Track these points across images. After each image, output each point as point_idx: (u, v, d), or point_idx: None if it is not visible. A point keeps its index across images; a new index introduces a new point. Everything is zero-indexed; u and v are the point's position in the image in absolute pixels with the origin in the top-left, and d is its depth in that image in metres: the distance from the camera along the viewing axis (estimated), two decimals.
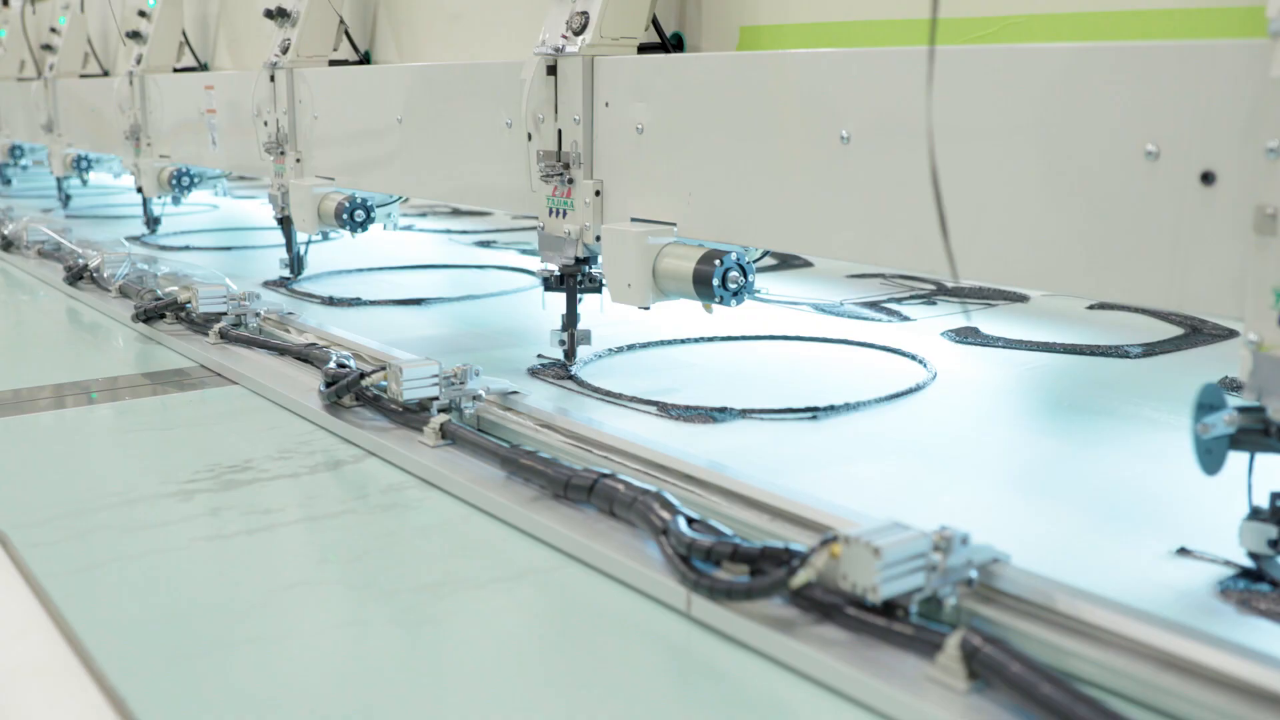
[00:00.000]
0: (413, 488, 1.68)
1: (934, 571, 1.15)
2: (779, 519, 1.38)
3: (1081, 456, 1.77)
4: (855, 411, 1.97)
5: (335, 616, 1.31)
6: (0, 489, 1.74)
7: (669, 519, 1.33)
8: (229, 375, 2.30)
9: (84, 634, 1.25)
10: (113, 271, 3.11)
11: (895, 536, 1.14)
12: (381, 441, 1.80)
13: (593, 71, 2.08)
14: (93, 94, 4.94)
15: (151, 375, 2.38)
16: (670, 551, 1.29)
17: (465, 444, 1.72)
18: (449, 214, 4.95)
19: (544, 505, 1.51)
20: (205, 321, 2.57)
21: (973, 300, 2.87)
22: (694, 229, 1.96)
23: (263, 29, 3.43)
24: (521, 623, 1.30)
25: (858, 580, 1.13)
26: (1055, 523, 1.52)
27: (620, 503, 1.41)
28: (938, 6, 1.35)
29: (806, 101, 1.74)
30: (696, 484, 1.50)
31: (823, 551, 1.16)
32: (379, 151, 2.85)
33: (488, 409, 1.84)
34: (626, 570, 1.34)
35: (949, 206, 1.50)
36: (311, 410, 2.00)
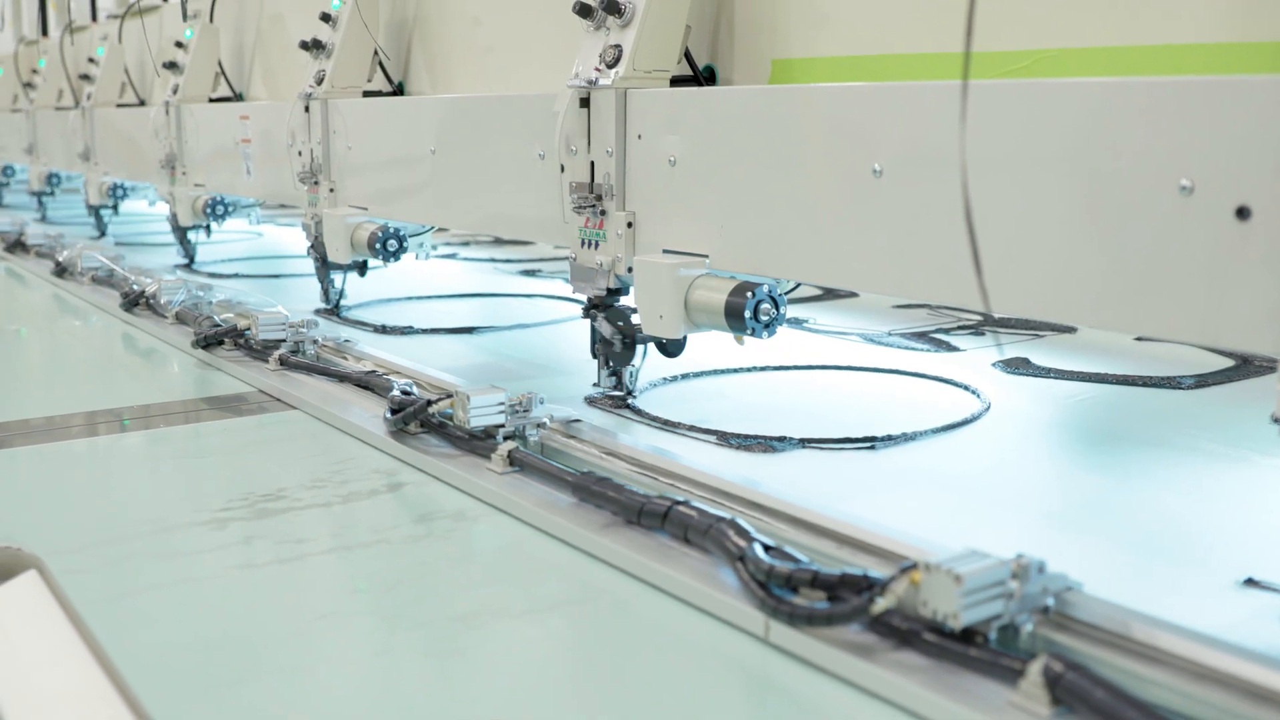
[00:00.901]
0: (482, 513, 1.70)
1: (1011, 599, 1.17)
2: (847, 546, 1.41)
3: (1138, 488, 1.79)
4: (912, 442, 1.99)
5: (419, 634, 1.33)
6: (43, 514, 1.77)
7: (745, 546, 1.35)
8: (290, 401, 2.33)
9: (120, 661, 1.26)
10: (169, 298, 3.16)
11: (975, 564, 1.16)
12: (448, 468, 1.83)
13: (625, 104, 2.11)
14: (129, 123, 5.01)
15: (212, 400, 2.42)
16: (748, 577, 1.31)
17: (533, 470, 1.75)
18: (492, 243, 4.99)
19: (615, 531, 1.54)
20: (264, 348, 2.61)
21: (1020, 331, 2.89)
22: (726, 261, 1.98)
23: (297, 60, 3.48)
24: (599, 646, 1.33)
25: (939, 607, 1.15)
26: (1113, 554, 1.54)
27: (695, 529, 1.43)
28: (971, 41, 1.38)
29: (839, 135, 1.76)
30: (763, 511, 1.52)
31: (903, 579, 1.18)
32: (412, 181, 2.89)
33: (551, 436, 1.87)
34: (702, 596, 1.37)
35: (982, 240, 1.51)
36: (375, 436, 2.03)
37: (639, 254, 2.10)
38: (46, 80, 6.29)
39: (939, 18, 1.81)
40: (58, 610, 1.42)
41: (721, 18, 2.17)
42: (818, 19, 2.00)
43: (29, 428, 2.25)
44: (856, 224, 1.74)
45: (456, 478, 1.81)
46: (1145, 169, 1.37)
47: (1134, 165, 1.39)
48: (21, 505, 1.82)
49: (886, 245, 1.70)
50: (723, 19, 2.17)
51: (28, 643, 1.37)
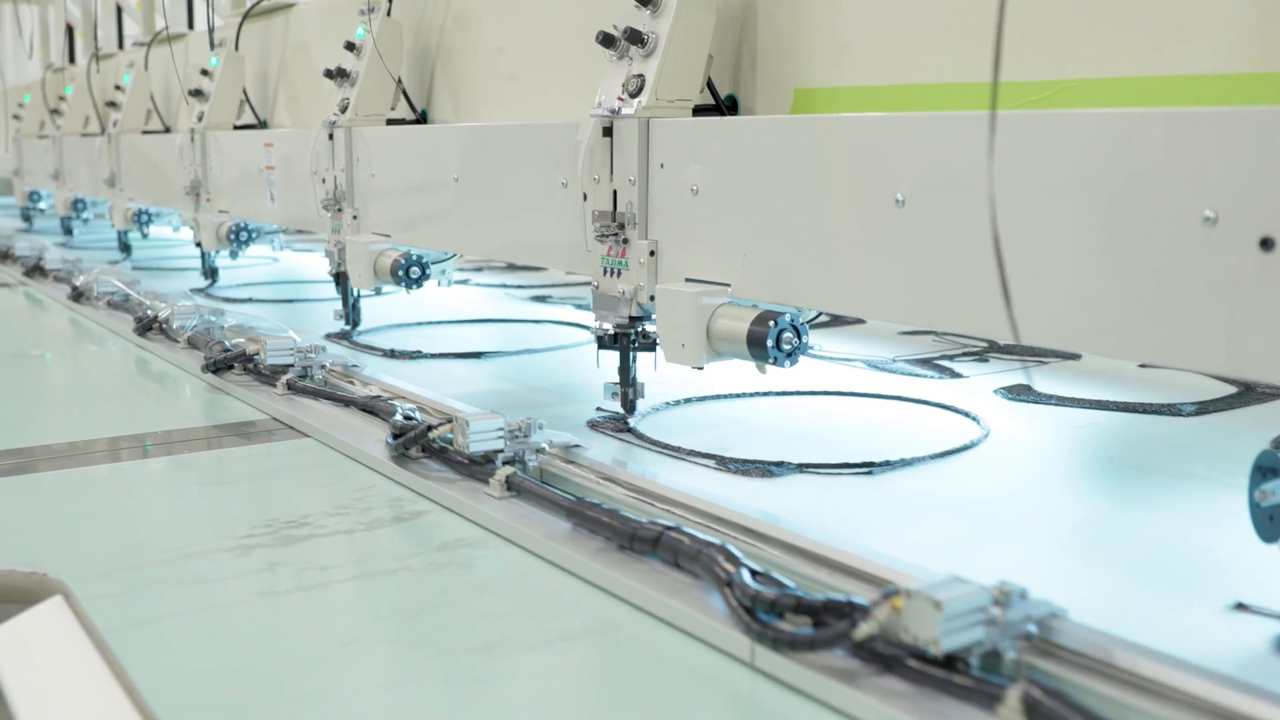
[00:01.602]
0: (478, 539, 1.72)
1: (994, 625, 1.18)
2: (838, 572, 1.41)
3: (1135, 515, 1.79)
4: (910, 468, 2.00)
5: (404, 672, 1.34)
6: (67, 539, 1.78)
7: (733, 571, 1.36)
8: (298, 427, 2.35)
9: (145, 688, 1.27)
10: (181, 323, 3.19)
11: (956, 590, 1.17)
12: (447, 493, 1.85)
13: (648, 133, 2.12)
14: (154, 150, 5.06)
15: (221, 427, 2.44)
16: (735, 603, 1.32)
17: (530, 496, 1.77)
18: (504, 269, 5.02)
19: (608, 557, 1.55)
20: (273, 373, 2.64)
21: (1025, 357, 2.90)
22: (748, 290, 1.99)
23: (321, 88, 3.52)
24: (589, 669, 1.34)
25: (919, 633, 1.16)
26: (1108, 580, 1.54)
27: (685, 555, 1.45)
28: (999, 71, 1.39)
29: (861, 165, 1.77)
30: (756, 537, 1.53)
31: (885, 605, 1.19)
32: (435, 209, 2.91)
33: (551, 461, 1.89)
34: (691, 621, 1.38)
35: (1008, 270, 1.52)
36: (378, 461, 2.05)
37: (661, 282, 2.11)
38: (73, 107, 6.37)
39: (961, 48, 1.83)
40: (83, 636, 1.44)
41: (744, 47, 2.19)
42: (840, 49, 2.02)
43: (51, 452, 2.27)
44: (879, 254, 1.75)
45: (455, 502, 1.82)
46: (1168, 200, 1.38)
47: (1157, 196, 1.39)
48: (46, 530, 1.84)
49: (909, 275, 1.70)
50: (745, 49, 2.19)
51: (54, 668, 1.39)
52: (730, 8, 2.19)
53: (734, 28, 2.20)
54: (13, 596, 1.60)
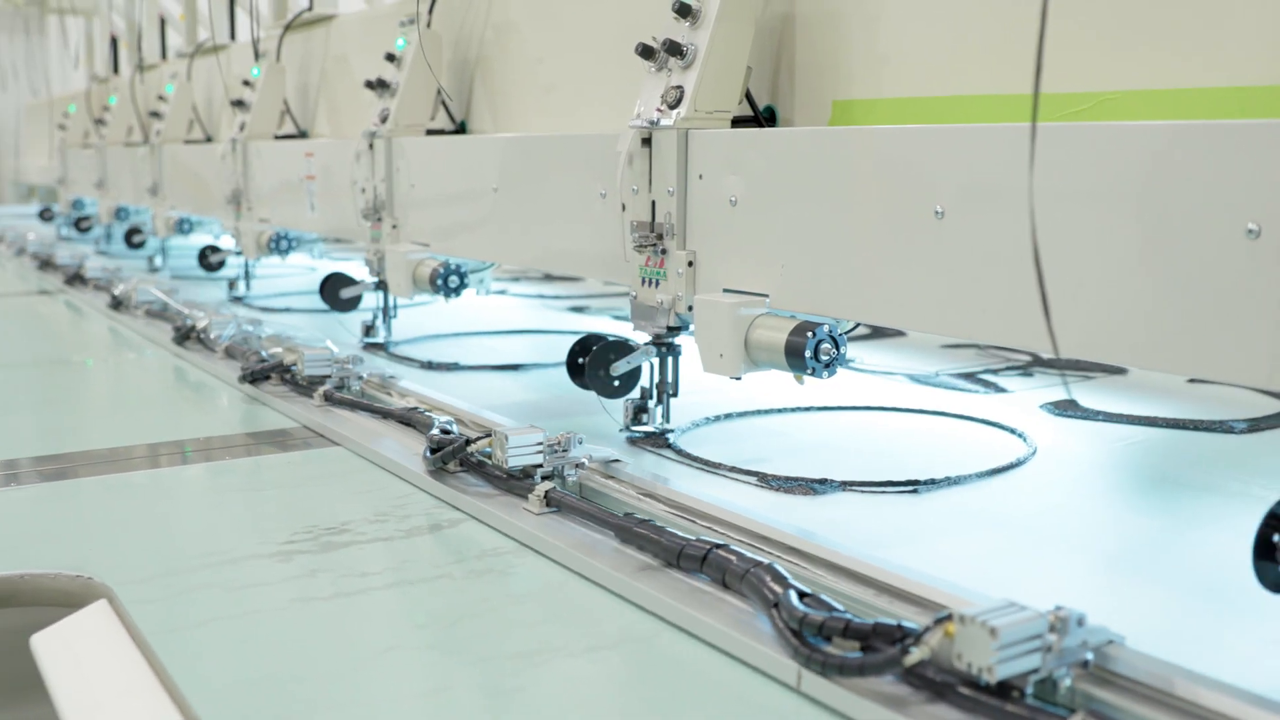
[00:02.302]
0: (517, 554, 1.70)
1: (1049, 652, 1.14)
2: (885, 594, 1.38)
3: (1187, 534, 1.75)
4: (957, 486, 1.96)
5: (437, 681, 1.32)
6: (110, 544, 1.79)
7: (781, 592, 1.33)
8: (333, 437, 2.34)
9: (189, 692, 1.27)
10: (219, 333, 3.19)
11: (1011, 617, 1.13)
12: (485, 507, 1.83)
13: (687, 144, 2.11)
14: (196, 159, 5.09)
15: (257, 435, 2.44)
16: (782, 625, 1.29)
17: (570, 511, 1.74)
18: (541, 279, 5.01)
19: (649, 574, 1.53)
20: (310, 384, 2.62)
21: (1070, 372, 2.85)
22: (786, 301, 1.97)
23: (361, 98, 3.52)
24: (626, 684, 1.32)
25: (973, 660, 1.13)
26: (1163, 602, 1.51)
27: (732, 574, 1.42)
28: (1040, 83, 1.36)
29: (900, 177, 1.75)
30: (802, 556, 1.50)
31: (937, 630, 1.16)
32: (474, 218, 2.90)
33: (590, 477, 1.86)
34: (734, 643, 1.35)
35: (1048, 283, 1.49)
36: (414, 474, 2.03)
37: (699, 293, 2.09)
38: (117, 117, 6.41)
39: (1001, 60, 1.80)
40: (127, 640, 1.44)
41: (782, 59, 2.17)
42: (879, 61, 2.00)
43: (92, 458, 2.27)
44: (918, 265, 1.72)
45: (494, 518, 1.80)
46: (1212, 212, 1.35)
47: (1200, 209, 1.36)
48: (90, 535, 1.84)
49: (948, 287, 1.68)
50: (783, 60, 2.17)
51: (99, 672, 1.39)
52: (769, 19, 2.17)
53: (772, 39, 2.18)
54: (59, 600, 1.62)
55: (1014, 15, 1.78)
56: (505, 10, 3.06)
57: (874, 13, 2.00)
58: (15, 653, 1.57)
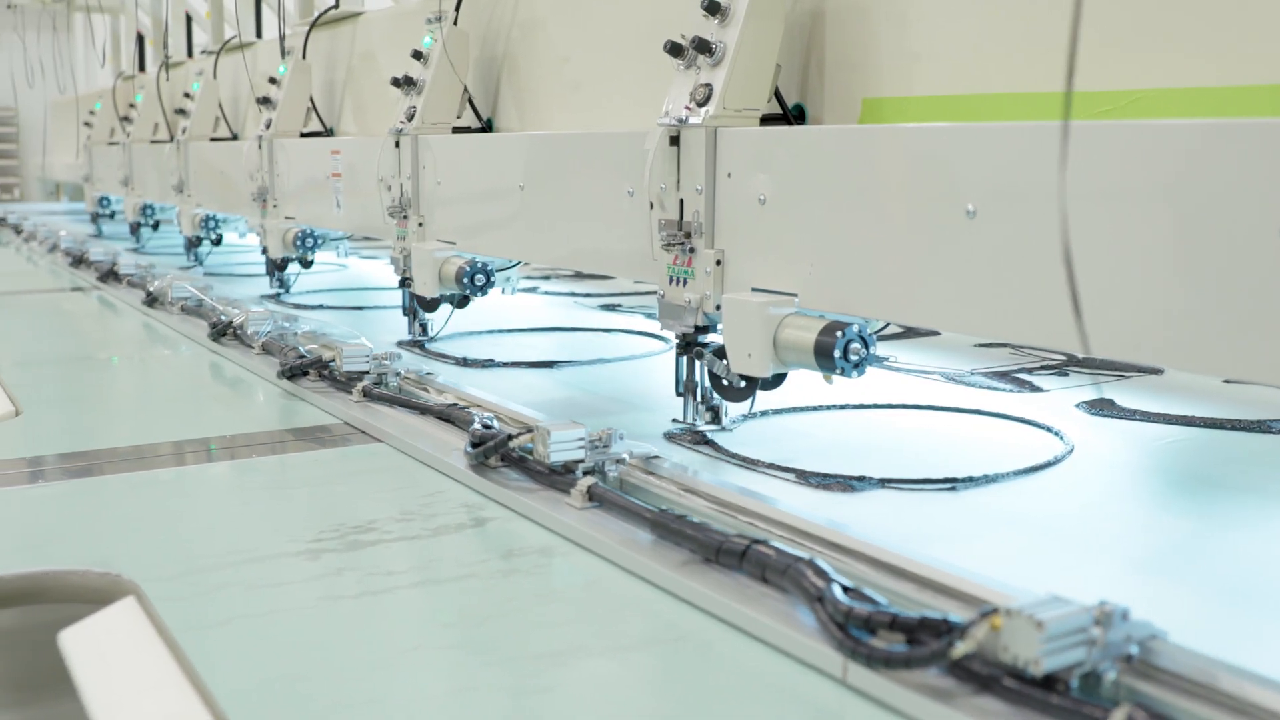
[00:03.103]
0: (560, 548, 1.72)
1: (1094, 646, 1.15)
2: (927, 589, 1.39)
3: (1228, 535, 1.76)
4: (994, 484, 1.97)
5: (468, 678, 1.34)
6: (138, 541, 1.81)
7: (824, 586, 1.35)
8: (373, 433, 2.36)
9: (216, 689, 1.28)
10: (256, 329, 3.21)
11: (1057, 610, 1.15)
12: (527, 502, 1.84)
13: (715, 142, 2.12)
14: (222, 157, 5.12)
15: (297, 431, 2.46)
16: (827, 619, 1.31)
17: (612, 507, 1.76)
18: (572, 277, 5.02)
19: (693, 569, 1.54)
20: (348, 380, 2.65)
21: (1105, 372, 2.85)
22: (815, 300, 1.97)
23: (387, 96, 3.54)
24: (678, 685, 1.33)
25: (1020, 653, 1.14)
26: (1202, 601, 1.51)
27: (773, 569, 1.43)
28: (1073, 81, 1.37)
29: (931, 175, 1.75)
30: (842, 551, 1.51)
31: (983, 623, 1.17)
32: (500, 216, 2.92)
33: (630, 472, 1.88)
34: (781, 636, 1.36)
35: (1080, 283, 1.50)
36: (454, 468, 2.05)
37: (728, 292, 2.10)
38: (143, 114, 6.45)
39: (1033, 58, 1.81)
40: (155, 637, 1.45)
41: (811, 57, 2.18)
42: (909, 58, 2.00)
43: (120, 455, 2.30)
44: (948, 265, 1.73)
45: (536, 512, 1.82)
46: (1245, 211, 1.35)
47: (1233, 207, 1.36)
48: (117, 532, 1.86)
49: (979, 286, 1.69)
50: (813, 58, 2.18)
51: (127, 668, 1.40)
52: (798, 17, 2.18)
53: (802, 37, 2.19)
54: (87, 596, 1.62)
55: (1045, 13, 1.78)
56: (532, 8, 3.07)
57: (904, 10, 2.01)
58: (43, 648, 1.58)
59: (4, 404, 2.72)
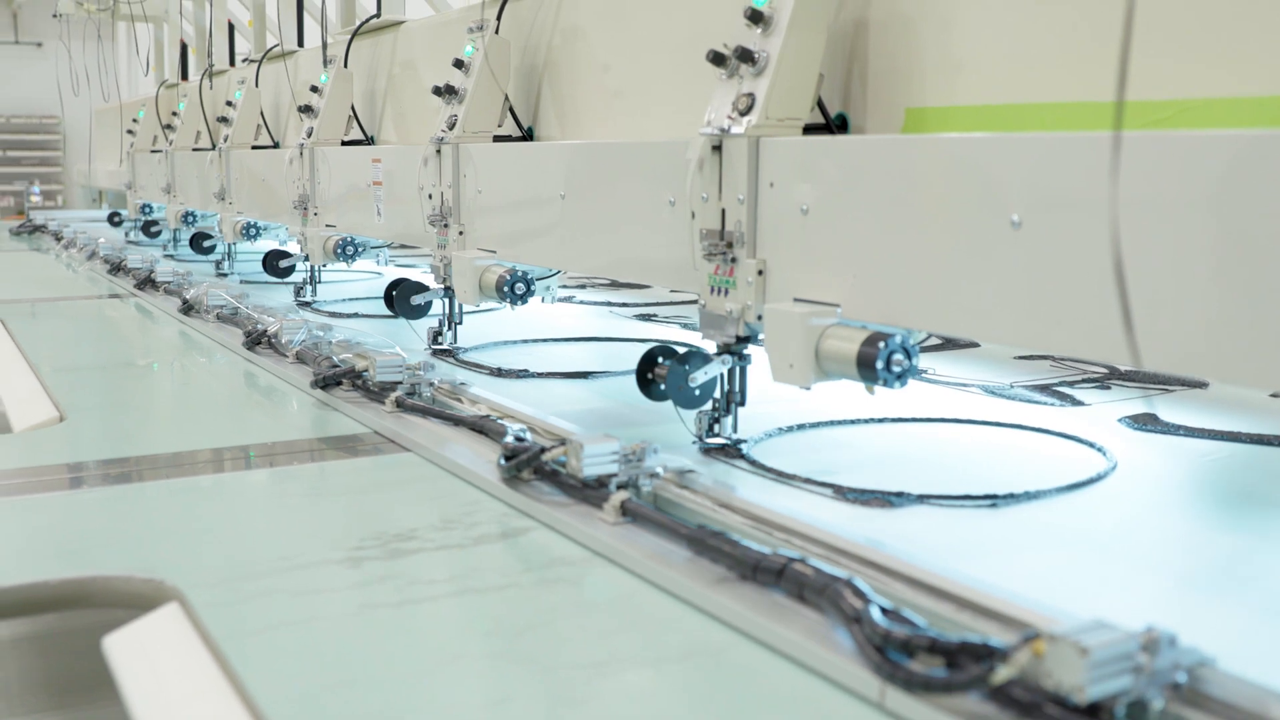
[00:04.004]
0: (592, 563, 1.69)
1: (1140, 673, 1.12)
2: (966, 610, 1.36)
3: (1274, 553, 1.72)
4: (1035, 500, 1.93)
5: (508, 688, 1.32)
6: (180, 547, 1.81)
7: (862, 607, 1.32)
8: (405, 443, 2.35)
9: (260, 697, 1.28)
10: (290, 337, 3.21)
11: (1103, 636, 1.12)
12: (560, 516, 1.82)
13: (758, 152, 2.09)
14: (263, 164, 5.13)
15: (330, 440, 2.45)
16: (864, 640, 1.28)
17: (645, 521, 1.74)
18: (608, 286, 5.01)
19: (728, 586, 1.52)
20: (381, 390, 2.63)
21: (1149, 385, 2.81)
22: (858, 310, 1.95)
23: (428, 104, 3.54)
24: (712, 704, 1.30)
25: (1063, 679, 1.11)
26: (1249, 621, 1.48)
27: (811, 588, 1.41)
28: (1124, 91, 1.34)
29: (976, 186, 1.72)
30: (880, 570, 1.49)
31: (1025, 648, 1.14)
32: (540, 225, 2.90)
33: (665, 487, 1.86)
34: (817, 657, 1.34)
35: (1131, 295, 1.47)
36: (487, 481, 2.03)
37: (769, 302, 2.08)
38: (185, 122, 6.49)
39: (1078, 67, 1.77)
40: (199, 643, 1.45)
41: (854, 66, 2.16)
42: (953, 67, 1.97)
43: (159, 461, 2.30)
44: (993, 276, 1.70)
45: (569, 527, 1.80)
46: None
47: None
48: (160, 538, 1.86)
49: (1025, 298, 1.65)
50: (855, 67, 2.15)
51: (172, 674, 1.41)
52: (841, 26, 2.16)
53: (845, 46, 2.17)
54: (130, 602, 1.63)
55: (1090, 20, 1.75)
56: (573, 16, 3.06)
57: (947, 18, 1.98)
58: (86, 653, 1.59)
59: (49, 409, 2.74)
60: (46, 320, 4.38)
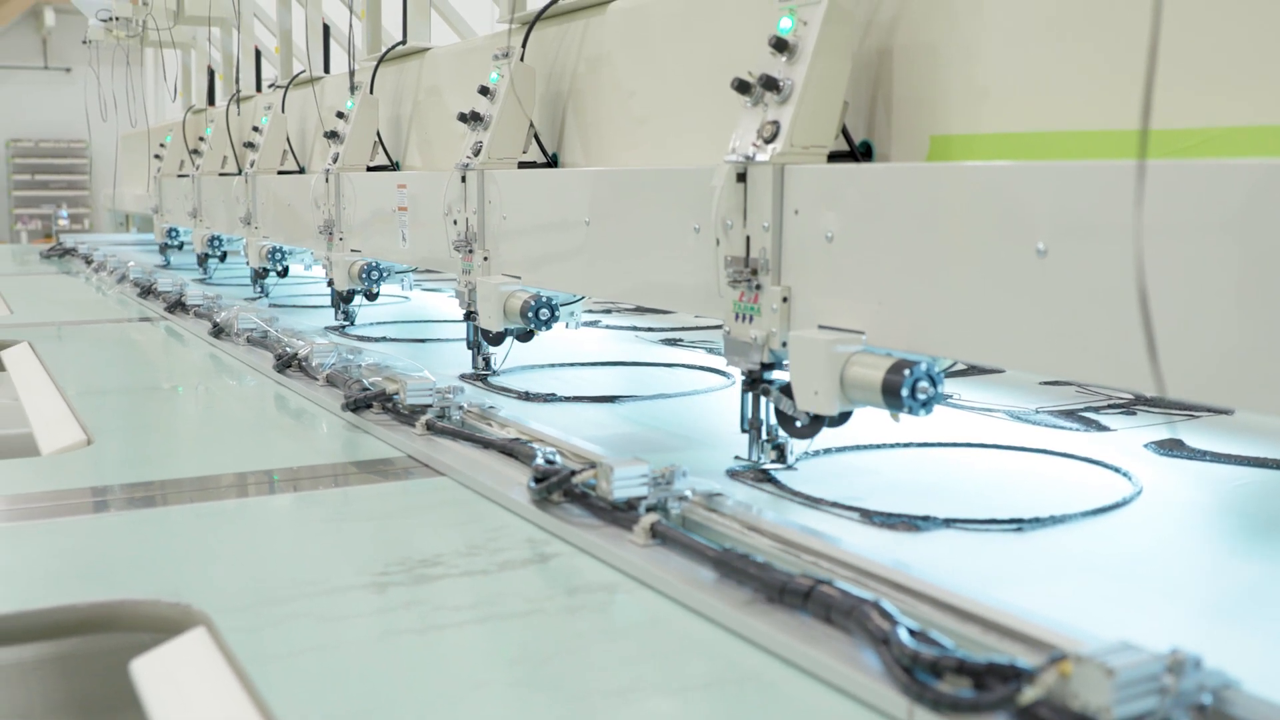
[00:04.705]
0: (623, 585, 1.71)
1: (1167, 694, 1.14)
2: (993, 632, 1.38)
3: None
4: (1061, 525, 1.95)
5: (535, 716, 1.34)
6: (206, 571, 1.82)
7: (889, 629, 1.33)
8: (436, 466, 2.37)
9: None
10: (320, 361, 3.24)
11: (1129, 657, 1.13)
12: (590, 538, 1.84)
13: (783, 180, 2.11)
14: (289, 190, 5.18)
15: (360, 464, 2.48)
16: (892, 661, 1.29)
17: (675, 544, 1.75)
18: (633, 311, 5.03)
19: (757, 609, 1.53)
20: (411, 413, 2.66)
21: (1175, 411, 2.82)
22: (883, 338, 1.96)
23: (453, 130, 3.57)
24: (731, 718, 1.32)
25: (1090, 700, 1.13)
26: (1272, 648, 1.49)
27: (838, 610, 1.42)
28: (1149, 119, 1.36)
29: (1002, 213, 1.74)
30: (907, 593, 1.50)
31: (1052, 669, 1.16)
32: (565, 251, 2.93)
33: (693, 509, 1.87)
34: (845, 678, 1.35)
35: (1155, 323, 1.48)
36: (516, 503, 2.06)
37: (794, 328, 2.10)
38: (212, 147, 6.55)
39: (1102, 96, 1.79)
40: (226, 667, 1.46)
41: (879, 93, 2.18)
42: (978, 95, 1.99)
43: (184, 485, 2.32)
44: (1018, 304, 1.72)
45: (599, 549, 1.82)
46: None
47: None
48: (185, 562, 1.88)
49: (1050, 325, 1.67)
50: (880, 95, 2.18)
51: (198, 698, 1.42)
52: (866, 53, 2.18)
53: (869, 73, 2.19)
54: (157, 625, 1.64)
55: (1116, 49, 1.77)
56: (599, 44, 3.09)
57: (972, 46, 2.00)
58: (108, 675, 1.60)
59: (76, 433, 2.77)
60: (75, 343, 4.43)
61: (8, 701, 1.70)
